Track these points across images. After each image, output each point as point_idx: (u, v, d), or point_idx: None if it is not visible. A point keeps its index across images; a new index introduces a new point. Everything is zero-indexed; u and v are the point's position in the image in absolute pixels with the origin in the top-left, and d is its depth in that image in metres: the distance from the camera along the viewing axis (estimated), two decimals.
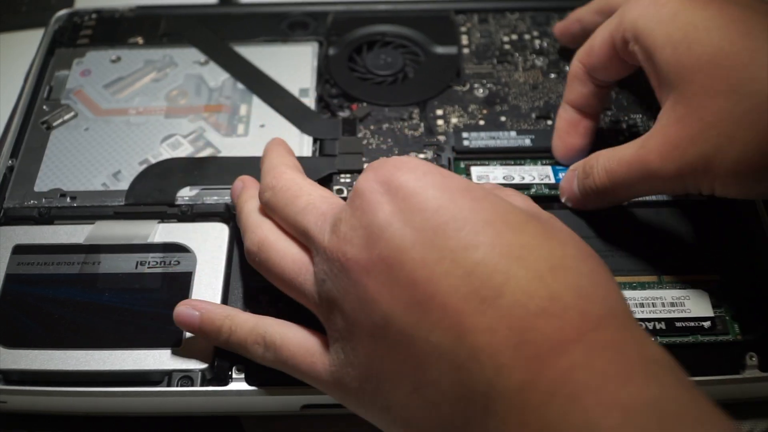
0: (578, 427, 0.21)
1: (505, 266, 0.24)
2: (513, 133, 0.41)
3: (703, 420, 0.21)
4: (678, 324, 0.34)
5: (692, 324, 0.34)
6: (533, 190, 0.38)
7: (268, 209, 0.32)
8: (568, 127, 0.39)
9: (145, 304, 0.34)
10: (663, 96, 0.33)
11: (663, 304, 0.34)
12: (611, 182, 0.34)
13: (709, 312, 0.34)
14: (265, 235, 0.31)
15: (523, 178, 0.39)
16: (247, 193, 0.35)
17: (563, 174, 0.39)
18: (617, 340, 0.23)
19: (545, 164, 0.40)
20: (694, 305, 0.34)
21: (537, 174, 0.39)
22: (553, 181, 0.39)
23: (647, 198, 0.38)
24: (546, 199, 0.38)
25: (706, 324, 0.34)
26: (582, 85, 0.38)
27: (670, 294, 0.35)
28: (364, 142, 0.41)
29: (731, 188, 0.31)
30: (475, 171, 0.39)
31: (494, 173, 0.39)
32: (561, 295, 0.24)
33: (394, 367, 0.26)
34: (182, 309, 0.32)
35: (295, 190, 0.31)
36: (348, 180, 0.40)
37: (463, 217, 0.25)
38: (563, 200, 0.37)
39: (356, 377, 0.27)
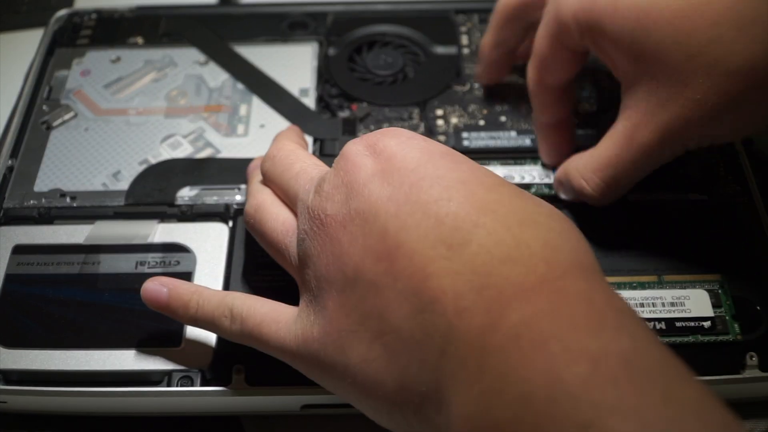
0: (542, 374, 0.21)
1: (474, 217, 0.24)
2: (513, 133, 0.41)
3: (676, 379, 0.21)
4: (678, 324, 0.34)
5: (692, 324, 0.34)
6: (533, 190, 0.38)
7: (266, 178, 0.33)
8: (559, 147, 0.39)
9: (145, 305, 0.34)
10: (635, 83, 0.33)
11: (663, 304, 0.34)
12: (609, 185, 0.35)
13: (709, 312, 0.34)
14: (263, 199, 0.32)
15: (524, 178, 0.39)
16: (256, 174, 0.35)
17: None
18: (585, 289, 0.23)
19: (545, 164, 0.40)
20: (694, 305, 0.34)
21: (537, 174, 0.39)
22: (552, 180, 0.39)
23: (648, 198, 0.38)
24: (546, 198, 0.38)
25: (706, 324, 0.34)
26: (559, 104, 0.38)
27: (670, 294, 0.35)
28: None
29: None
30: None
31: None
32: (528, 243, 0.24)
33: (359, 319, 0.26)
34: (150, 285, 0.31)
35: (292, 159, 0.32)
36: None
37: (439, 175, 0.26)
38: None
39: (320, 338, 0.27)
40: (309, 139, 0.41)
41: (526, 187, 0.39)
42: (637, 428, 0.19)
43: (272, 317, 0.29)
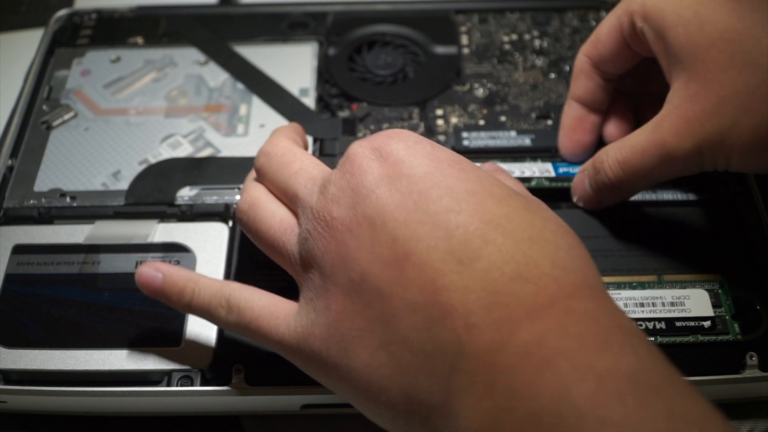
0: (550, 391, 0.21)
1: (484, 231, 0.25)
2: (513, 133, 0.41)
3: (679, 395, 0.21)
4: (678, 324, 0.34)
5: (692, 324, 0.34)
6: (533, 183, 0.38)
7: (260, 175, 0.32)
8: (575, 124, 0.39)
9: (145, 304, 0.34)
10: (674, 75, 0.33)
11: (663, 304, 0.34)
12: (625, 173, 0.34)
13: (709, 312, 0.34)
14: (256, 195, 0.32)
15: (524, 173, 0.39)
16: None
17: (564, 169, 0.39)
18: (591, 308, 0.23)
19: (546, 161, 0.40)
20: (694, 305, 0.34)
21: (537, 169, 0.39)
22: (553, 174, 0.39)
23: (648, 198, 0.38)
24: (547, 191, 0.38)
25: (706, 324, 0.34)
26: (588, 80, 0.38)
27: (670, 294, 0.35)
28: None
29: (747, 160, 0.31)
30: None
31: None
32: (537, 262, 0.24)
33: (365, 324, 0.26)
34: (145, 269, 0.31)
35: (289, 157, 0.31)
36: None
37: (447, 185, 0.26)
38: (575, 200, 0.37)
39: (323, 337, 0.27)
40: (309, 140, 0.41)
41: (526, 180, 0.38)
42: None
43: (270, 311, 0.29)
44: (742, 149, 0.31)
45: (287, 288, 0.31)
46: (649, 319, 0.34)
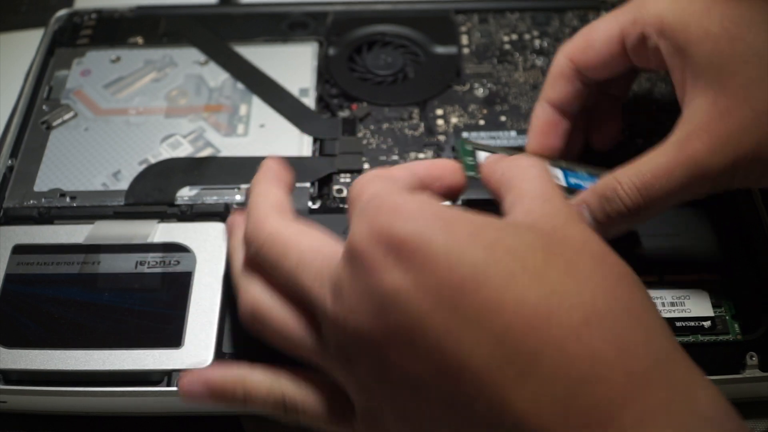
0: None
1: (536, 327, 0.22)
2: (513, 133, 0.41)
3: None
4: (678, 324, 0.34)
5: (692, 324, 0.34)
6: None
7: (255, 266, 0.30)
8: (547, 129, 0.37)
9: (145, 304, 0.34)
10: (694, 90, 0.32)
11: (663, 304, 0.34)
12: (645, 198, 0.31)
13: (709, 312, 0.34)
14: (256, 301, 0.29)
15: None
16: (235, 239, 0.32)
17: (575, 180, 0.38)
18: (665, 398, 0.22)
19: (554, 167, 0.39)
20: (694, 305, 0.34)
21: None
22: (564, 185, 0.38)
23: None
24: None
25: (706, 324, 0.34)
26: (568, 84, 0.36)
27: (670, 294, 0.35)
28: (364, 142, 0.41)
29: None
30: (481, 156, 0.39)
31: None
32: (602, 352, 0.22)
33: (437, 427, 0.25)
34: (186, 385, 0.29)
35: (281, 246, 0.28)
36: (348, 180, 0.40)
37: (480, 272, 0.23)
38: None
39: None
40: (308, 140, 0.41)
41: None
42: None
43: (328, 415, 0.28)
44: None
45: None
46: None
